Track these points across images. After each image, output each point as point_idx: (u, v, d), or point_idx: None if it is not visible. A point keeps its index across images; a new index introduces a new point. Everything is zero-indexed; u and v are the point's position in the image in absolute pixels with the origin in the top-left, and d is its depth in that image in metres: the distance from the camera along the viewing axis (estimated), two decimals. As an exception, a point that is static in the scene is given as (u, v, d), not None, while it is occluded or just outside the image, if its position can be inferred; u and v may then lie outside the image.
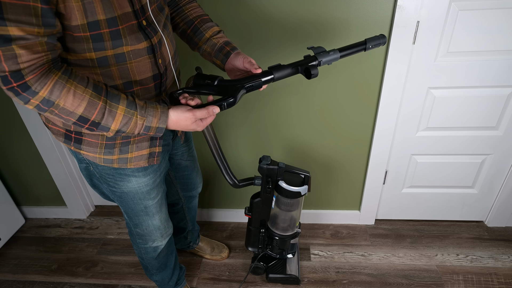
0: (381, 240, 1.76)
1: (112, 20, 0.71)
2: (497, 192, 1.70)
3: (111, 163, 0.92)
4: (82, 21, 0.68)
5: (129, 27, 0.76)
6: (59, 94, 0.68)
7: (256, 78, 0.89)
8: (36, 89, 0.65)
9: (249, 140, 1.64)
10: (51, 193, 1.96)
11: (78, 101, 0.69)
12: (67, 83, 0.68)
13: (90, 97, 0.71)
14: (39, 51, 0.64)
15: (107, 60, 0.76)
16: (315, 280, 1.57)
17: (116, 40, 0.74)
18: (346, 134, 1.58)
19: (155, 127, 0.79)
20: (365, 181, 1.70)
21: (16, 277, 1.68)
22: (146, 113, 0.77)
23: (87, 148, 0.89)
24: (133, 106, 0.75)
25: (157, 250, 1.23)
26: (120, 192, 1.01)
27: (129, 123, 0.76)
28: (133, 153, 0.92)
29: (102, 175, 0.97)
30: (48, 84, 0.66)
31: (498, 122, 1.49)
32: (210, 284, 1.59)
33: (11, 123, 1.70)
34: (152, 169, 1.01)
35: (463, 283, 1.52)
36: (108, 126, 0.75)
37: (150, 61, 0.84)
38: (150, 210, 1.09)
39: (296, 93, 1.47)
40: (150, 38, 0.81)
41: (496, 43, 1.30)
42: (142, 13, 0.79)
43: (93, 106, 0.71)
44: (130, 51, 0.78)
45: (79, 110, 0.70)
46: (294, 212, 1.33)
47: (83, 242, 1.87)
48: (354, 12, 1.27)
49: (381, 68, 1.38)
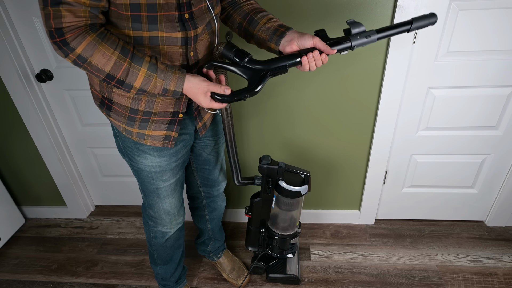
0: (381, 240, 1.76)
1: (151, 6, 0.80)
2: (497, 192, 1.71)
3: (131, 135, 1.01)
4: (125, 1, 0.78)
5: (168, 16, 0.83)
6: (92, 53, 0.78)
7: (283, 61, 0.88)
8: (73, 45, 0.76)
9: (249, 140, 1.64)
10: (51, 193, 1.96)
11: (105, 60, 0.80)
12: (99, 45, 0.78)
13: (117, 58, 0.80)
14: (81, 16, 0.75)
15: (142, 40, 0.85)
16: (315, 280, 1.57)
17: (152, 25, 0.83)
18: (346, 133, 1.58)
19: (172, 90, 0.86)
20: (365, 181, 1.70)
21: (16, 277, 1.68)
22: (165, 77, 0.84)
23: (114, 116, 0.99)
24: (154, 69, 0.83)
25: (165, 236, 1.27)
26: (137, 167, 1.09)
27: (149, 84, 0.84)
28: (150, 131, 0.99)
29: (124, 146, 1.06)
30: (84, 44, 0.77)
31: (498, 122, 1.49)
32: (210, 284, 1.59)
33: (11, 123, 1.70)
34: (167, 152, 1.06)
35: (463, 283, 1.52)
36: (131, 84, 0.84)
37: (182, 51, 0.90)
38: (161, 192, 1.14)
39: (296, 93, 1.47)
40: (187, 31, 0.87)
41: (496, 42, 1.30)
42: (188, 7, 0.85)
43: (119, 66, 0.81)
44: (164, 37, 0.86)
45: (107, 68, 0.81)
46: (294, 212, 1.33)
47: (83, 242, 1.87)
48: (354, 12, 1.27)
49: (381, 68, 1.39)
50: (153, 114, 0.97)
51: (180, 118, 1.00)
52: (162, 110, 0.97)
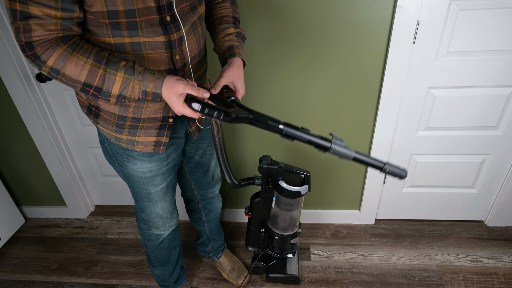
0: (381, 240, 1.76)
1: (130, 12, 0.77)
2: (497, 192, 1.70)
3: (120, 142, 0.98)
4: (101, 8, 0.74)
5: (148, 20, 0.80)
6: (64, 64, 0.76)
7: (267, 120, 0.84)
8: (44, 58, 0.74)
9: (249, 140, 1.64)
10: (51, 193, 1.96)
11: (79, 70, 0.77)
12: (71, 55, 0.76)
13: (91, 66, 0.77)
14: (52, 30, 0.72)
15: (124, 47, 0.82)
16: (315, 280, 1.57)
17: (133, 31, 0.80)
18: (346, 133, 1.58)
19: (151, 91, 0.80)
20: (365, 181, 1.70)
21: (16, 277, 1.68)
22: (143, 78, 0.79)
23: (102, 123, 0.97)
24: (131, 72, 0.79)
25: (159, 239, 1.25)
26: (127, 173, 1.07)
27: (127, 88, 0.80)
28: (140, 137, 0.97)
29: (113, 152, 1.04)
30: (55, 56, 0.75)
31: (498, 122, 1.49)
32: (210, 284, 1.59)
33: (11, 123, 1.70)
34: (158, 157, 1.04)
35: (463, 282, 1.52)
36: (109, 91, 0.80)
37: (167, 55, 0.87)
38: (153, 197, 1.12)
39: (296, 93, 1.47)
40: (170, 34, 0.84)
41: (496, 42, 1.30)
42: (169, 9, 0.82)
43: (94, 74, 0.78)
44: (146, 42, 0.82)
45: (81, 77, 0.78)
46: (294, 212, 1.33)
47: (83, 242, 1.87)
48: (354, 12, 1.27)
49: (381, 68, 1.38)
50: (142, 120, 0.94)
51: (170, 123, 0.98)
52: (151, 115, 0.95)
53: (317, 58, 1.38)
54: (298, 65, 1.40)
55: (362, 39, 1.32)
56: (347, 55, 1.36)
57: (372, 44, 1.33)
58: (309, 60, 1.39)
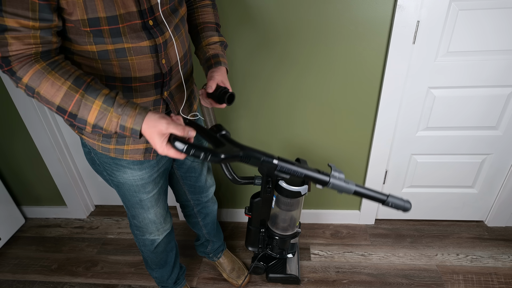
0: (381, 240, 1.76)
1: (112, 18, 0.73)
2: (497, 192, 1.70)
3: (108, 152, 0.95)
4: (82, 16, 0.71)
5: (131, 26, 0.77)
6: (39, 83, 0.71)
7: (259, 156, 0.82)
8: (19, 74, 0.70)
9: (249, 140, 1.64)
10: (51, 193, 1.96)
11: (54, 91, 0.71)
12: (48, 74, 0.71)
13: (68, 89, 0.72)
14: (30, 43, 0.68)
15: (108, 54, 0.78)
16: (315, 280, 1.57)
17: (116, 38, 0.76)
18: (346, 133, 1.58)
19: (129, 127, 0.75)
20: (365, 181, 1.70)
21: (16, 277, 1.68)
22: (123, 112, 0.73)
23: (87, 134, 0.93)
24: (110, 102, 0.73)
25: (154, 243, 1.24)
26: (117, 182, 1.04)
27: (104, 119, 0.74)
28: (129, 145, 0.94)
29: (101, 162, 1.01)
30: (30, 72, 0.70)
31: (498, 122, 1.49)
32: (210, 284, 1.59)
33: (11, 123, 1.70)
34: (148, 164, 1.01)
35: (463, 282, 1.52)
36: (84, 119, 0.74)
37: (153, 60, 0.84)
38: (145, 204, 1.10)
39: (296, 93, 1.47)
40: (154, 38, 0.82)
41: (496, 42, 1.30)
42: (151, 13, 0.79)
43: (69, 98, 0.72)
44: (131, 48, 0.80)
45: (56, 99, 0.72)
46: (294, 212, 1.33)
47: (83, 242, 1.87)
48: (354, 12, 1.27)
49: (381, 68, 1.38)
50: None
51: None
52: None
53: (317, 58, 1.38)
54: (297, 65, 1.40)
55: (362, 39, 1.32)
56: (347, 55, 1.36)
57: (372, 44, 1.33)
58: (308, 60, 1.39)
